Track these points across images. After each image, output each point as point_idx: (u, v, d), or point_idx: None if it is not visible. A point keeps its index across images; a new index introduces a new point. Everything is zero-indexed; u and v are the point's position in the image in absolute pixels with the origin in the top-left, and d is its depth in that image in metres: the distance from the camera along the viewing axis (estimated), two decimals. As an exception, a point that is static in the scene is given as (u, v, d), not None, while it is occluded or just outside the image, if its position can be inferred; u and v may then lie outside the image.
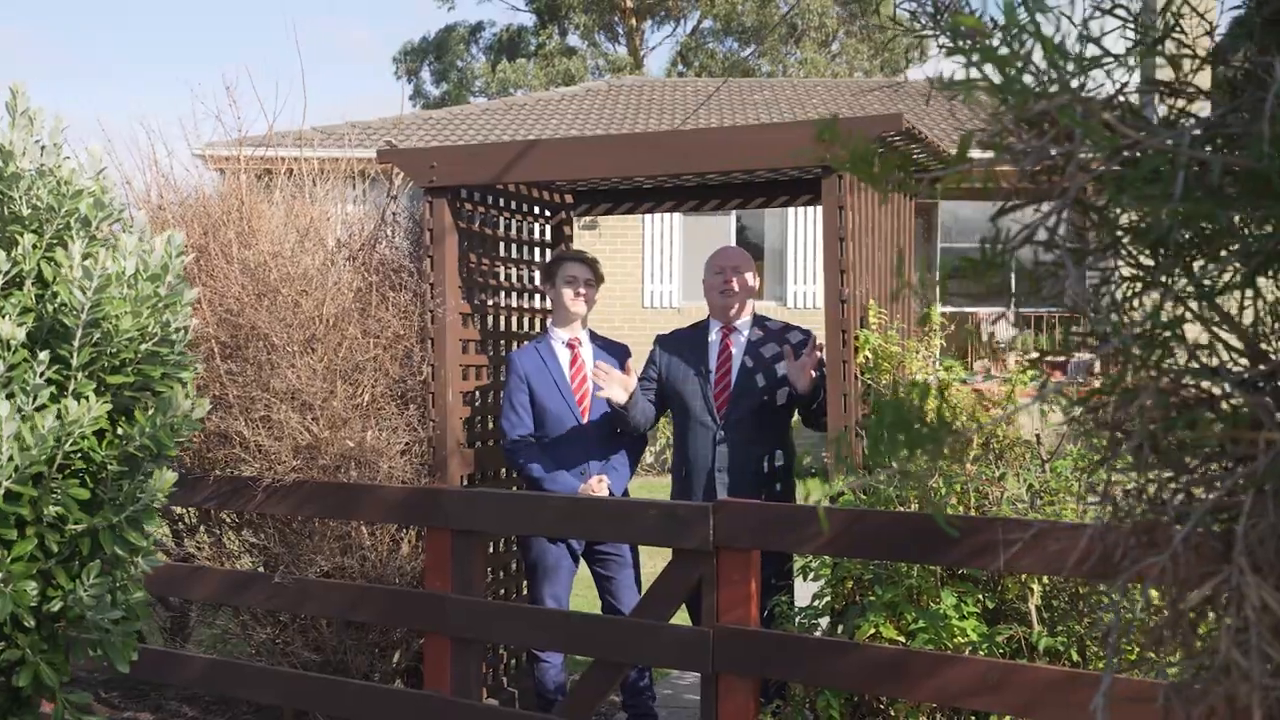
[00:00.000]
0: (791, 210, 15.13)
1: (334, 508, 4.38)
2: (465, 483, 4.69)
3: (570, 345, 4.68)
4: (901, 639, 3.35)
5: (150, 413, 2.91)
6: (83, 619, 2.85)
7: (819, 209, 14.98)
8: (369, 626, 4.65)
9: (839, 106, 16.58)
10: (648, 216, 14.71)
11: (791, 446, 4.55)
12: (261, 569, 4.76)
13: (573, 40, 42.95)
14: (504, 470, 5.02)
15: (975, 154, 1.35)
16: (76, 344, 2.81)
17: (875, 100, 16.66)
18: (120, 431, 2.92)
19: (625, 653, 3.74)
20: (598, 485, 4.50)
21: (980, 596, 3.37)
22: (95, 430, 2.86)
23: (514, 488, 5.05)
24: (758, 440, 4.42)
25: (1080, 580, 3.35)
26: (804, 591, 4.05)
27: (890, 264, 4.62)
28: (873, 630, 3.35)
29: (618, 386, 4.30)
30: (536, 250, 5.43)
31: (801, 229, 15.15)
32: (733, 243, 15.33)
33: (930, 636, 3.29)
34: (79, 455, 2.85)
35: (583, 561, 4.64)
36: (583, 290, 4.66)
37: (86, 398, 2.75)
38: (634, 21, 41.70)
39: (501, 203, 5.10)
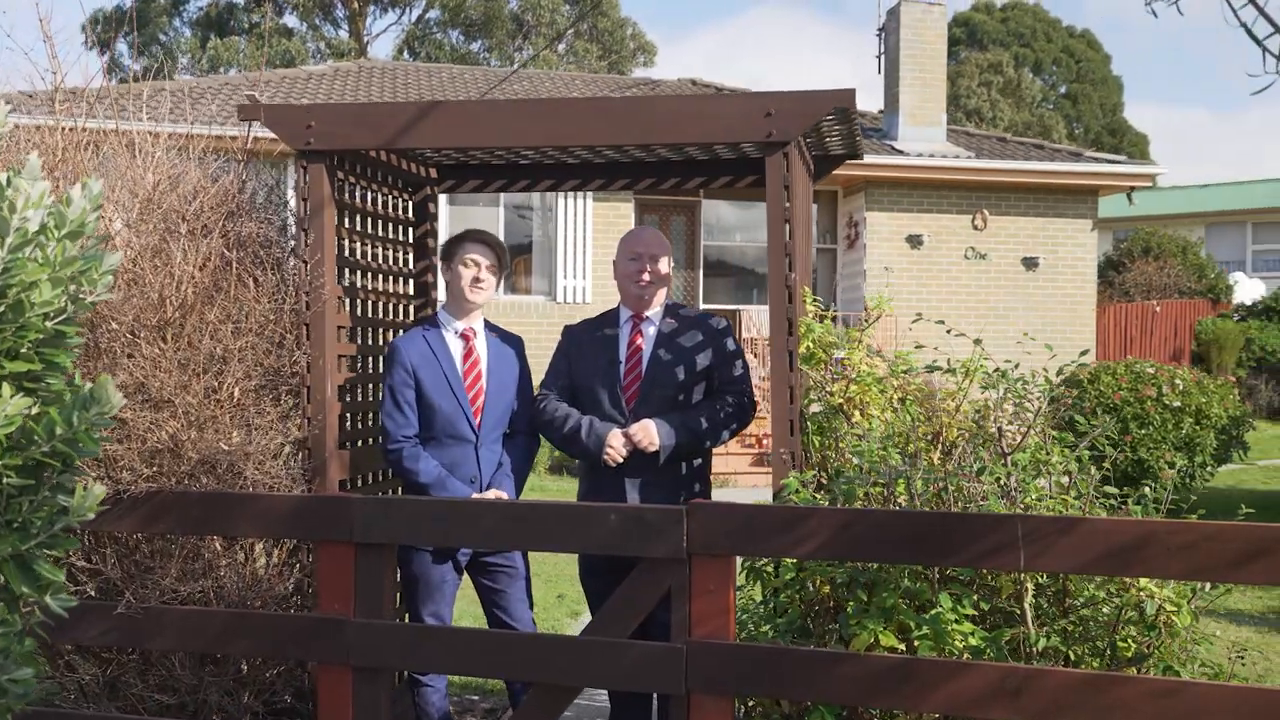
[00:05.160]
0: (562, 202, 14.87)
1: (199, 522, 3.70)
2: (340, 488, 4.11)
3: (465, 336, 4.19)
4: (900, 646, 3.14)
5: (68, 409, 2.26)
6: (-23, 680, 2.18)
7: (590, 203, 14.91)
8: (230, 659, 3.99)
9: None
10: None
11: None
12: (91, 596, 3.98)
13: (290, 20, 40.94)
14: (381, 474, 4.46)
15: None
16: (-21, 319, 2.13)
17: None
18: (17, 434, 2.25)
19: (583, 675, 3.33)
20: (493, 498, 4.06)
21: (975, 598, 3.21)
22: (-17, 433, 2.19)
23: (388, 492, 4.51)
24: (671, 437, 4.10)
25: (1067, 577, 3.26)
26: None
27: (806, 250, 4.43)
28: (871, 639, 3.12)
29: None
30: (399, 228, 4.88)
31: (571, 222, 14.90)
32: (501, 234, 14.91)
33: (933, 643, 3.10)
34: (-32, 466, 2.18)
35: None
36: (483, 277, 4.17)
37: (-4, 390, 2.09)
38: (356, 5, 40.18)
39: (369, 173, 4.53)
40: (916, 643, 3.13)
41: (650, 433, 3.94)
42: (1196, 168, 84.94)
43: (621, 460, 3.97)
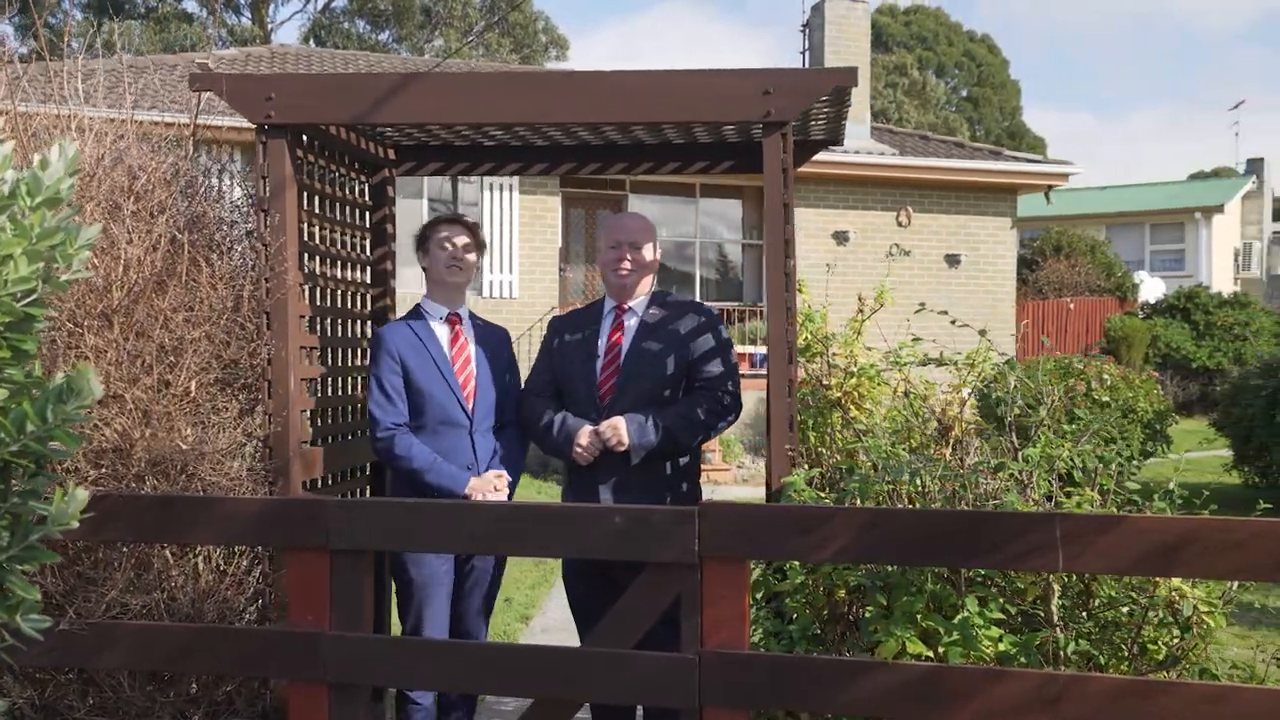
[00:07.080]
0: (487, 195, 14.53)
1: (153, 528, 3.36)
2: (302, 489, 3.82)
3: (450, 322, 3.99)
4: (928, 653, 2.97)
5: (41, 402, 1.96)
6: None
7: (516, 195, 14.54)
8: (180, 677, 3.66)
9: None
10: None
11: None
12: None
13: (190, 5, 39.68)
14: (347, 473, 4.17)
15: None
16: (-56, 298, 1.83)
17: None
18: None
19: (586, 690, 3.09)
20: (497, 481, 3.84)
21: (1001, 601, 3.06)
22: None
23: (359, 492, 4.21)
24: (649, 433, 3.88)
25: (1093, 578, 3.13)
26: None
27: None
28: (898, 646, 2.95)
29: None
30: (355, 212, 4.58)
31: (497, 216, 14.56)
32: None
33: (962, 649, 2.94)
34: (-76, 469, 1.87)
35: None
36: (461, 256, 3.97)
37: (-34, 380, 1.79)
38: (260, -9, 39.09)
39: (326, 152, 4.23)
40: (943, 649, 2.97)
41: (619, 431, 3.72)
42: (1088, 169, 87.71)
43: (592, 459, 3.76)
